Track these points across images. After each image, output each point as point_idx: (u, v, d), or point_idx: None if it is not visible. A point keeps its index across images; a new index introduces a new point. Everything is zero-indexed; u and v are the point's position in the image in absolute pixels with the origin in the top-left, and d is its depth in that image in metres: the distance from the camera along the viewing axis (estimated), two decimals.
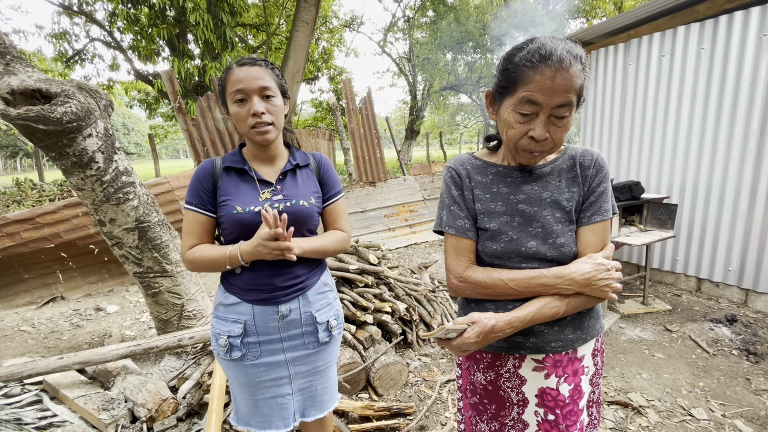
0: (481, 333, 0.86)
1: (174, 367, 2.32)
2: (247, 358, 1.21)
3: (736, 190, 3.36)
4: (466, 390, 1.09)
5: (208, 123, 5.19)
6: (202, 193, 1.18)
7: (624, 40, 4.02)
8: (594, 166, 0.96)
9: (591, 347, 1.01)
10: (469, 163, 1.03)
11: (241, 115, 1.13)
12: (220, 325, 1.21)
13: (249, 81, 1.11)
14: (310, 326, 1.26)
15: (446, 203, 1.02)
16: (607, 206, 0.96)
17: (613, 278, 0.89)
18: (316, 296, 1.28)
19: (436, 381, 2.44)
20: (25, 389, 2.12)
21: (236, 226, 1.16)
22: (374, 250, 2.98)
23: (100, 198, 2.01)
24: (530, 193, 0.96)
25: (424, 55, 14.14)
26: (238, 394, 1.27)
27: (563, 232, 0.94)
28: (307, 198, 1.24)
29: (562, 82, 0.80)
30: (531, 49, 0.81)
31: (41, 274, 4.05)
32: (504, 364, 0.99)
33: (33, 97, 1.75)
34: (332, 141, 7.27)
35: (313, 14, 6.43)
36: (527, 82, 0.82)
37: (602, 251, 0.93)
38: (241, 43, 11.61)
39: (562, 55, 0.79)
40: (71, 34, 10.41)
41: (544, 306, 0.89)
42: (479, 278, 0.94)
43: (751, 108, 3.20)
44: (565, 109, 0.83)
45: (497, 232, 0.95)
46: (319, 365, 1.31)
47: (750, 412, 2.11)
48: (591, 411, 1.07)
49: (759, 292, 3.31)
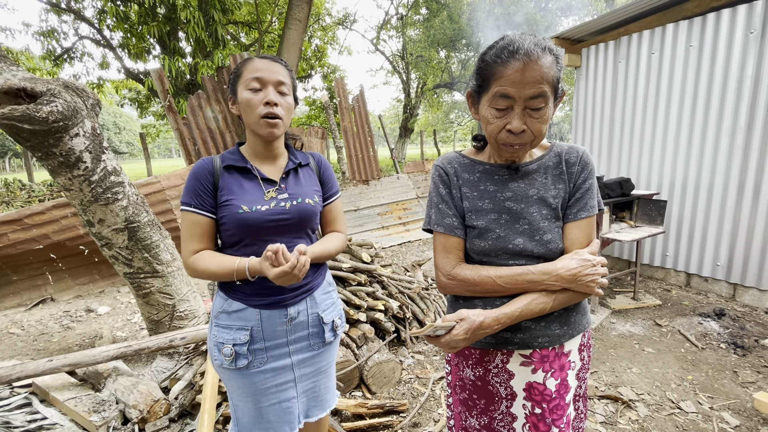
0: (469, 330, 0.88)
1: (166, 368, 2.30)
2: (253, 366, 1.16)
3: (724, 186, 3.41)
4: (455, 386, 1.10)
5: (199, 122, 5.14)
6: (202, 193, 1.12)
7: (614, 38, 4.05)
8: (579, 163, 0.98)
9: (578, 342, 1.02)
10: (457, 162, 1.04)
11: (253, 102, 1.10)
12: (224, 334, 1.15)
13: (269, 72, 1.10)
14: (316, 327, 1.24)
15: (434, 202, 1.03)
16: (592, 203, 0.97)
17: (598, 273, 0.90)
18: (323, 296, 1.27)
19: (429, 378, 2.45)
20: (14, 392, 2.10)
21: (241, 227, 1.12)
22: (367, 249, 2.98)
23: (88, 198, 1.99)
24: (517, 191, 0.97)
25: (418, 52, 14.12)
26: (241, 404, 1.21)
27: (550, 229, 0.95)
28: (311, 196, 1.23)
29: (531, 74, 0.82)
30: (500, 46, 0.85)
31: (30, 275, 3.99)
32: (492, 359, 1.00)
33: (18, 96, 1.72)
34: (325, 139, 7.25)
35: (305, 12, 6.39)
36: (499, 77, 0.84)
37: (588, 247, 0.95)
38: (233, 41, 11.51)
39: (529, 48, 0.82)
40: (59, 31, 10.24)
41: (531, 302, 0.91)
42: (467, 275, 0.95)
43: (738, 104, 3.25)
44: (539, 101, 0.84)
45: (485, 230, 0.96)
46: (322, 365, 1.30)
47: (737, 405, 2.15)
48: (577, 405, 1.08)
49: (746, 287, 3.36)
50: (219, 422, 1.97)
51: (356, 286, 2.69)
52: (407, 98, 16.40)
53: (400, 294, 2.85)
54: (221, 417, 1.97)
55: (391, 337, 2.66)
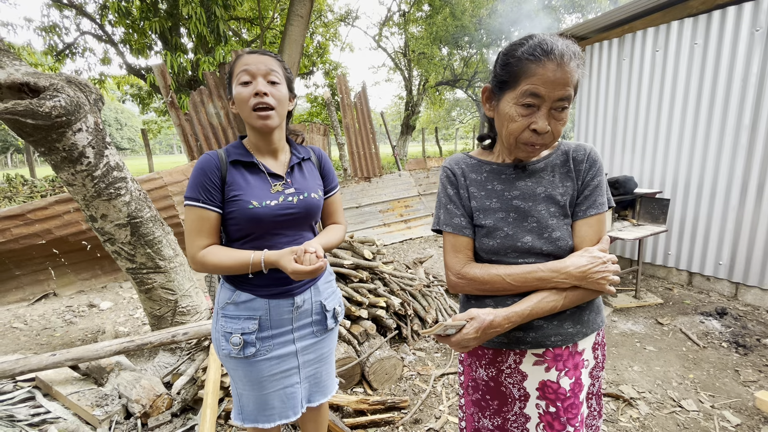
0: (479, 328, 0.88)
1: (168, 363, 2.31)
2: (260, 353, 1.20)
3: (727, 185, 3.40)
4: (468, 387, 1.09)
5: (201, 118, 5.14)
6: (210, 188, 1.11)
7: (618, 35, 4.02)
8: (587, 160, 0.97)
9: (591, 341, 1.02)
10: (464, 162, 1.05)
11: (243, 95, 1.10)
12: (232, 324, 1.18)
13: (257, 64, 1.11)
14: (319, 314, 1.29)
15: (443, 202, 1.04)
16: (602, 199, 0.96)
17: (609, 271, 0.89)
18: (325, 285, 1.32)
19: (430, 375, 2.45)
20: (18, 386, 2.11)
21: (251, 222, 1.13)
22: (369, 246, 2.98)
23: (91, 193, 1.99)
24: (524, 189, 0.97)
25: (420, 49, 14.05)
26: (246, 392, 1.24)
27: (558, 226, 0.94)
28: (316, 190, 1.25)
29: (563, 75, 0.82)
30: (533, 44, 0.84)
31: (33, 270, 4.01)
32: (505, 359, 1.00)
33: (21, 91, 1.72)
34: (327, 136, 7.24)
35: (307, 8, 6.36)
36: (530, 75, 0.83)
37: (598, 244, 0.94)
38: (235, 37, 11.48)
39: (562, 49, 0.82)
40: (61, 27, 10.23)
41: (542, 300, 0.90)
42: (477, 274, 0.95)
43: (743, 103, 3.23)
44: (564, 102, 0.85)
45: (493, 228, 0.96)
46: (324, 352, 1.35)
47: (738, 403, 2.15)
48: (590, 403, 1.07)
49: (749, 286, 3.36)
50: (221, 417, 1.98)
51: (358, 282, 2.69)
52: (409, 95, 16.35)
53: (401, 291, 2.85)
54: (223, 412, 1.98)
55: (392, 334, 2.66)
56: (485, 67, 14.73)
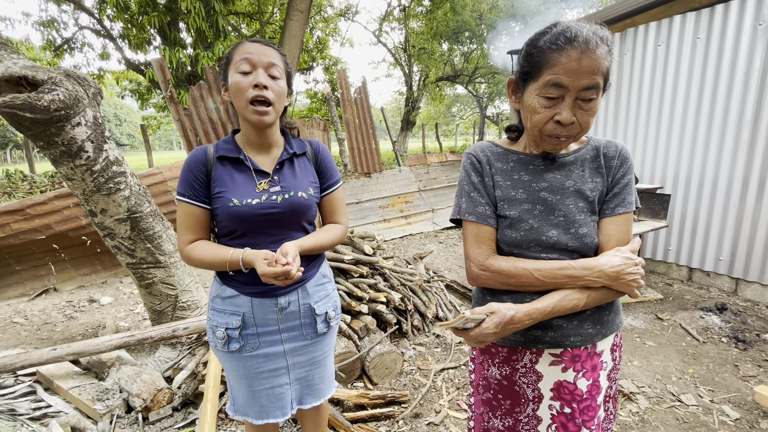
0: (500, 323, 0.83)
1: (169, 358, 2.32)
2: (245, 350, 1.19)
3: (728, 181, 3.39)
4: (478, 386, 1.06)
5: (200, 113, 5.11)
6: (195, 183, 1.12)
7: (620, 30, 4.00)
8: (619, 157, 0.94)
9: (610, 342, 0.99)
10: (490, 150, 1.00)
11: (242, 85, 1.06)
12: (218, 318, 1.18)
13: (260, 54, 1.07)
14: (308, 318, 1.24)
15: (466, 190, 0.99)
16: (631, 198, 0.93)
17: (640, 273, 0.87)
18: (315, 288, 1.26)
19: (430, 369, 2.46)
20: (19, 380, 2.11)
21: (232, 220, 1.12)
22: (369, 241, 2.98)
23: (90, 188, 1.98)
24: (553, 182, 0.93)
25: (420, 45, 13.97)
26: (236, 385, 1.25)
27: (585, 222, 0.91)
28: (305, 189, 1.20)
29: (588, 63, 0.78)
30: (556, 32, 0.80)
31: (33, 265, 4.01)
32: (520, 358, 0.97)
33: (19, 84, 1.71)
34: (327, 131, 7.21)
35: (307, 3, 6.32)
36: (553, 64, 0.80)
37: (629, 245, 0.91)
38: (234, 32, 11.40)
39: (588, 36, 0.78)
40: (59, 21, 10.16)
41: (564, 298, 0.87)
42: (503, 267, 0.91)
43: (745, 98, 3.21)
44: (591, 92, 0.81)
45: (517, 220, 0.92)
46: (317, 355, 1.30)
47: (737, 398, 2.15)
48: (607, 406, 1.04)
49: (749, 281, 3.36)
50: (222, 411, 1.99)
51: (358, 277, 2.69)
52: (409, 91, 16.28)
53: (401, 286, 2.85)
54: (224, 406, 1.99)
55: (392, 329, 2.66)
56: (486, 62, 14.66)
